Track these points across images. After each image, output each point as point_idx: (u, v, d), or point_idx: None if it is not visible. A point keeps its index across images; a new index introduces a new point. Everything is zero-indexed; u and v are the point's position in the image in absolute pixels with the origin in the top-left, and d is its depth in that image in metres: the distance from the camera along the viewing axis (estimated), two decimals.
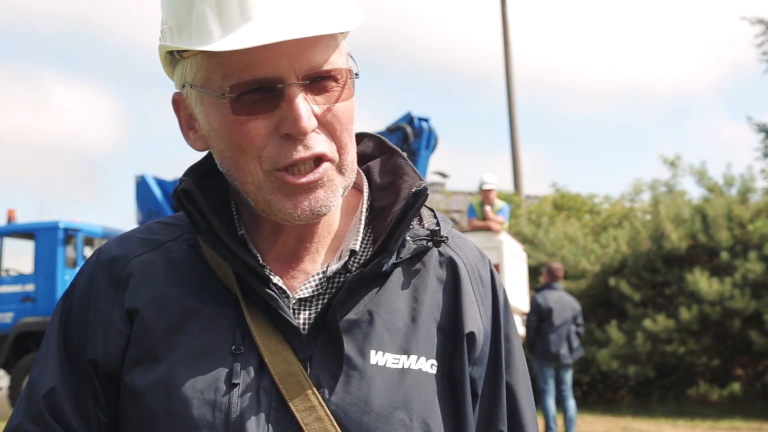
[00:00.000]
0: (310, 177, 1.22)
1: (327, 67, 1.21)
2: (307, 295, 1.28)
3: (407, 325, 1.28)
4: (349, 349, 1.24)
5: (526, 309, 11.88)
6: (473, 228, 12.00)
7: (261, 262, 1.28)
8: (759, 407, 15.15)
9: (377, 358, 1.24)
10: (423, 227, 1.34)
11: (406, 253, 1.30)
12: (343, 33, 1.28)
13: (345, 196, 1.30)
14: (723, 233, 15.22)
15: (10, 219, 15.34)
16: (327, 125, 1.23)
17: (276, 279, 1.27)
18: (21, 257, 14.99)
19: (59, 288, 14.00)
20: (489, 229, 11.66)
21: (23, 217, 15.52)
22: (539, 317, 10.83)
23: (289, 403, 1.20)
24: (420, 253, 1.33)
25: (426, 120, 13.52)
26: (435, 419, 1.26)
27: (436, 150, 13.72)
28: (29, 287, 14.30)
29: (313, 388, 1.21)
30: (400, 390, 1.24)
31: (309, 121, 1.19)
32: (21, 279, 14.52)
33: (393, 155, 1.39)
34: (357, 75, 1.27)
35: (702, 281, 14.85)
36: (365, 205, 1.36)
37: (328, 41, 1.22)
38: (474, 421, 1.32)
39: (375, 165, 1.40)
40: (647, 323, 15.16)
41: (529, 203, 22.30)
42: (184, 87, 1.27)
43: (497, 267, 11.52)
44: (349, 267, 1.30)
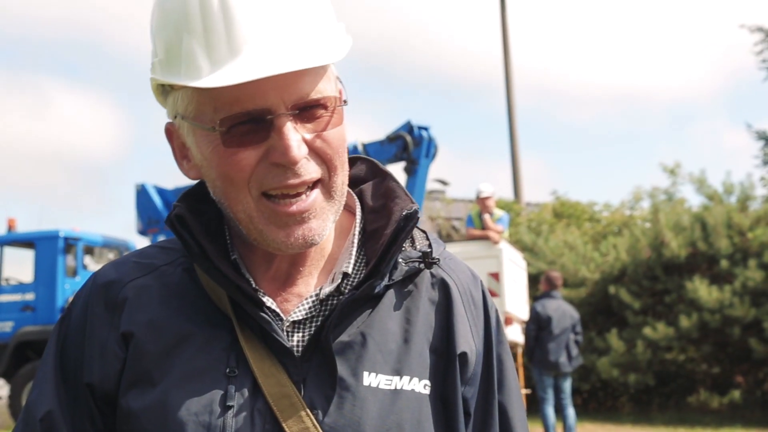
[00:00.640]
0: (301, 206, 1.23)
1: (315, 96, 1.22)
2: (301, 318, 1.29)
3: (400, 347, 1.29)
4: (342, 371, 1.25)
5: (525, 317, 11.86)
6: (472, 237, 11.99)
7: (254, 285, 1.29)
8: (759, 415, 15.13)
9: (370, 379, 1.25)
10: (415, 249, 1.36)
11: (398, 275, 1.32)
12: None
13: (338, 219, 1.31)
14: (723, 241, 15.22)
15: (10, 228, 15.35)
16: (318, 151, 1.24)
17: (269, 302, 1.28)
18: (21, 266, 15.02)
19: (59, 297, 14.00)
20: (488, 239, 11.65)
21: (24, 226, 15.55)
22: (538, 326, 10.83)
23: (283, 425, 1.21)
24: (412, 275, 1.35)
25: (426, 129, 13.54)
26: None
27: (435, 158, 13.73)
28: (29, 296, 14.30)
29: (307, 409, 1.22)
30: (393, 411, 1.25)
31: (299, 151, 1.20)
32: (21, 288, 14.52)
33: (385, 178, 1.41)
34: (345, 102, 1.29)
35: (702, 289, 14.84)
36: (358, 228, 1.37)
37: (316, 70, 1.23)
38: None
39: (368, 188, 1.41)
40: (647, 331, 15.15)
41: (529, 211, 22.29)
42: (176, 117, 1.29)
43: (496, 276, 11.53)
44: (342, 289, 1.31)
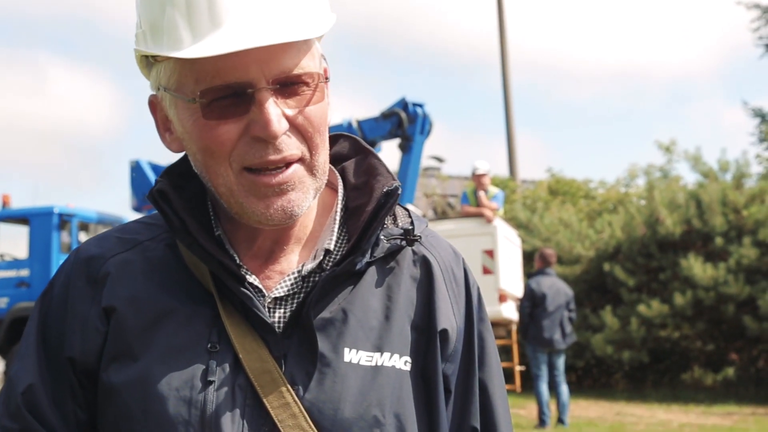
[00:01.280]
0: (280, 177, 1.23)
1: (298, 72, 1.22)
2: (283, 294, 1.29)
3: (381, 323, 1.29)
4: (323, 347, 1.25)
5: (520, 294, 11.91)
6: (466, 215, 12.00)
7: (238, 261, 1.29)
8: (753, 392, 15.24)
9: (351, 355, 1.26)
10: (397, 226, 1.36)
11: (379, 252, 1.32)
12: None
13: (320, 196, 1.32)
14: (717, 219, 15.25)
15: (4, 204, 15.33)
16: (299, 128, 1.24)
17: (252, 278, 1.28)
18: (16, 242, 15.01)
19: (54, 273, 14.00)
20: (482, 216, 11.66)
21: (19, 202, 15.53)
22: (532, 303, 10.86)
23: (264, 400, 1.22)
24: (394, 252, 1.35)
25: (420, 105, 13.52)
26: (408, 415, 1.27)
27: (430, 135, 13.73)
28: (24, 272, 14.31)
29: (288, 385, 1.23)
30: (373, 387, 1.25)
31: (279, 125, 1.20)
32: (16, 264, 14.53)
33: (367, 155, 1.40)
34: (328, 79, 1.28)
35: (696, 266, 14.89)
36: (340, 205, 1.37)
37: (299, 45, 1.22)
38: (447, 418, 1.34)
39: (350, 165, 1.41)
40: (641, 308, 15.21)
41: (525, 188, 22.31)
42: (159, 90, 1.28)
43: (491, 253, 11.56)
44: (324, 266, 1.31)
